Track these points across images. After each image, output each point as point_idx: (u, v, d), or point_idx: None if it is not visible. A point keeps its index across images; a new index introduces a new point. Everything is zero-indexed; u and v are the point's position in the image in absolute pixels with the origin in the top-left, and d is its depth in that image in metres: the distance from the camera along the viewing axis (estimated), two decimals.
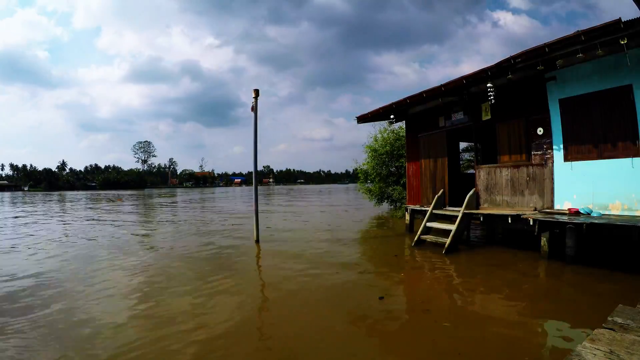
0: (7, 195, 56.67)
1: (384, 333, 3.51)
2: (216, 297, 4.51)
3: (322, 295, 4.64)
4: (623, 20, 4.47)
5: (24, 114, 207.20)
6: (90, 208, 22.72)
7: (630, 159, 5.24)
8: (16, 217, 16.78)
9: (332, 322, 3.71)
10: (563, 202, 6.06)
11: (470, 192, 7.47)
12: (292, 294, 4.66)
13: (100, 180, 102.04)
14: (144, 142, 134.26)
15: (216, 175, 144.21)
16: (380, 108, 9.26)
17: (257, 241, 8.15)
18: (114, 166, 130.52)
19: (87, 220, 14.64)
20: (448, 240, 6.80)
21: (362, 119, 10.12)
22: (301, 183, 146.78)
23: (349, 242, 8.45)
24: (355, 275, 5.49)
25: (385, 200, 14.85)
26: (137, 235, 10.22)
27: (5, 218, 16.30)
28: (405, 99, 8.17)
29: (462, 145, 13.71)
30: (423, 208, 8.84)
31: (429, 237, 7.51)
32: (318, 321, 3.77)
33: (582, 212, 5.54)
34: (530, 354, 2.98)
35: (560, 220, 5.39)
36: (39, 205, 26.96)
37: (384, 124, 13.89)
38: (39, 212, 19.22)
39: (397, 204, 14.32)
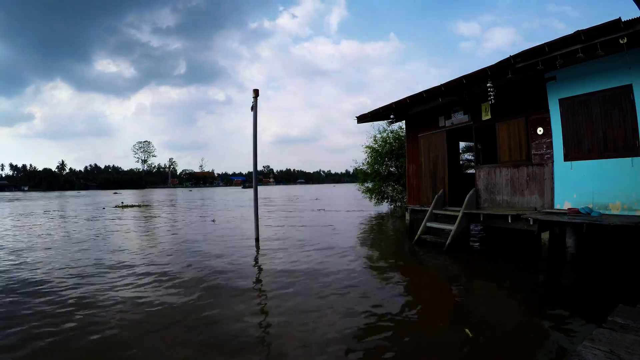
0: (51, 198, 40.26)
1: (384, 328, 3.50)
2: None
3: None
4: (623, 20, 4.47)
5: None
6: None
7: (630, 158, 5.22)
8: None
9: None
10: (563, 201, 6.05)
11: (470, 192, 7.46)
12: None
13: (100, 180, 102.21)
14: (144, 142, 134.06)
15: (216, 175, 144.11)
16: (380, 108, 9.25)
17: (257, 239, 8.25)
18: (113, 166, 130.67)
19: None
20: (448, 240, 6.80)
21: (362, 118, 10.09)
22: (301, 183, 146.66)
23: (347, 241, 8.45)
24: (355, 274, 5.49)
25: (385, 200, 14.86)
26: None
27: None
28: (405, 99, 8.16)
29: (462, 145, 13.69)
30: (423, 208, 8.83)
31: (429, 237, 7.51)
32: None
33: (582, 211, 5.53)
34: (530, 353, 2.98)
35: (561, 220, 5.39)
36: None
37: (382, 124, 13.91)
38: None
39: (397, 203, 14.32)
